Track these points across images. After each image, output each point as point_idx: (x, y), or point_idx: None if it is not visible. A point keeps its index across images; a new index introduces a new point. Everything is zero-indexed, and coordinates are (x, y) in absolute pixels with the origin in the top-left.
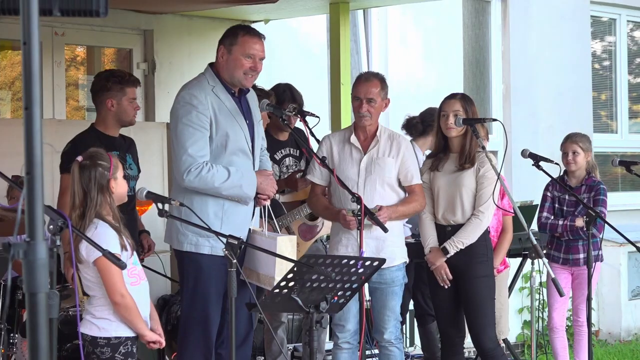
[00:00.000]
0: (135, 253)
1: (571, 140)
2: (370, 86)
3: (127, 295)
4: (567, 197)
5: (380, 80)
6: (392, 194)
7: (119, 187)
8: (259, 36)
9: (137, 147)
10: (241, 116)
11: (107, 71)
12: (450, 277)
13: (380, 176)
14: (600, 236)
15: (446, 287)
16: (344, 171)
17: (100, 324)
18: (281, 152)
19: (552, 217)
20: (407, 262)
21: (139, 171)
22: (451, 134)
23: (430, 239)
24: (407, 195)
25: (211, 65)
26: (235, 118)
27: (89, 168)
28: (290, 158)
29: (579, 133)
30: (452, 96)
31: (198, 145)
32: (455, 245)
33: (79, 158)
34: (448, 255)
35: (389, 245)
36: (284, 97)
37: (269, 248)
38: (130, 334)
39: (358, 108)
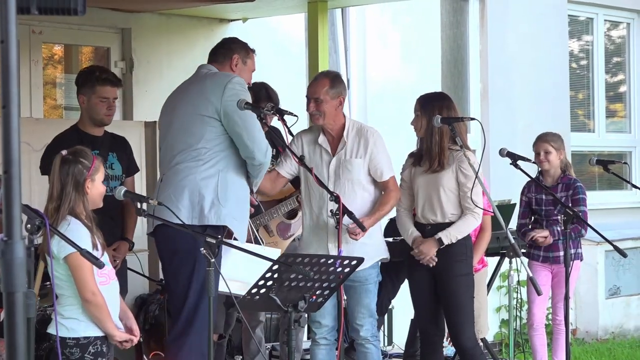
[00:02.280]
0: (105, 253)
1: (542, 140)
2: (316, 86)
3: (98, 294)
4: (544, 197)
5: (331, 78)
6: (364, 194)
7: (95, 189)
8: None
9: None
10: None
11: (89, 67)
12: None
13: (349, 179)
14: (584, 233)
15: (432, 265)
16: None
17: (69, 324)
18: None
19: (529, 225)
20: (387, 258)
21: (123, 172)
22: (417, 134)
23: (411, 229)
24: (382, 192)
25: (206, 65)
26: None
27: (69, 163)
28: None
29: (550, 132)
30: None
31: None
32: (451, 237)
33: (64, 152)
34: (444, 244)
35: (359, 245)
36: (260, 96)
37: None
38: (100, 333)
39: (307, 107)
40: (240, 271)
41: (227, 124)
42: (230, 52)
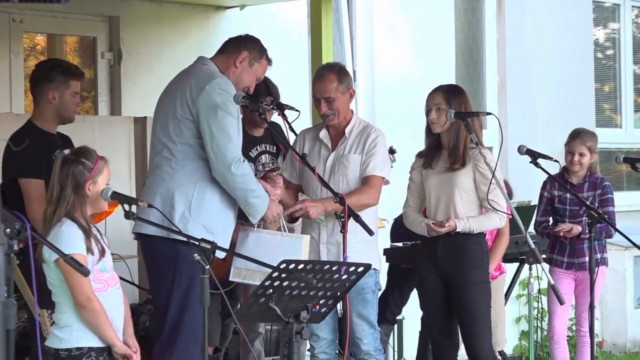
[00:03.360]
0: (104, 259)
1: (580, 140)
2: (325, 83)
3: (94, 299)
4: (568, 195)
5: (337, 72)
6: None
7: (96, 193)
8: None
9: (100, 144)
10: None
11: (51, 60)
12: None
13: (344, 175)
14: (612, 233)
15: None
16: (310, 170)
17: (62, 334)
18: (256, 149)
19: (551, 221)
20: (378, 270)
21: None
22: (435, 130)
23: (420, 218)
24: None
25: (204, 58)
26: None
27: (70, 163)
28: (267, 155)
29: (587, 131)
30: (437, 89)
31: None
32: (467, 226)
33: (66, 151)
34: (457, 230)
35: (351, 251)
36: (259, 90)
37: (289, 249)
38: (95, 343)
39: (318, 108)
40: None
41: (199, 128)
42: (242, 46)
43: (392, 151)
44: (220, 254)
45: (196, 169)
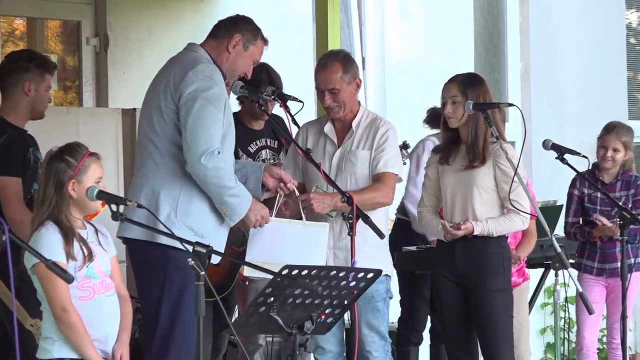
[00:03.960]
0: (92, 264)
1: (615, 135)
2: (328, 74)
3: (70, 311)
4: (599, 194)
5: (342, 61)
6: None
7: (82, 193)
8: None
9: (85, 138)
10: None
11: (25, 51)
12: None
13: (352, 173)
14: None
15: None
16: (314, 167)
17: (46, 345)
18: (256, 144)
19: (581, 222)
20: (390, 277)
21: None
22: (452, 124)
23: (436, 219)
24: None
25: (193, 44)
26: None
27: (54, 160)
28: (267, 150)
29: (623, 125)
30: (452, 79)
31: (217, 127)
32: (485, 229)
33: (54, 147)
34: (475, 232)
35: (360, 256)
36: (261, 79)
37: (312, 238)
38: (76, 355)
39: (322, 101)
40: (268, 252)
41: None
42: (234, 29)
43: (405, 146)
44: (215, 259)
45: (183, 166)
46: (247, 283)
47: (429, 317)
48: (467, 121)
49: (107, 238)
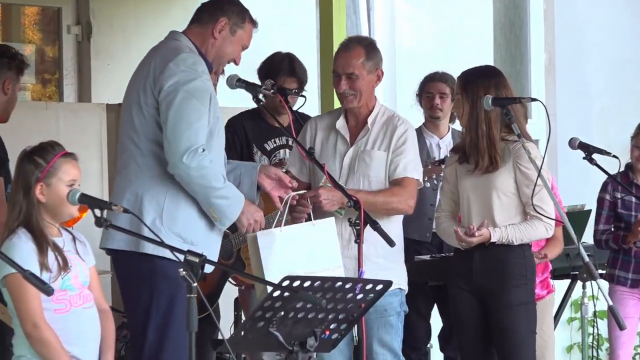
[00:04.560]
0: (69, 274)
1: None
2: (349, 57)
3: (42, 327)
4: (634, 199)
5: (366, 47)
6: None
7: (55, 196)
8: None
9: (66, 136)
10: None
11: (4, 46)
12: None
13: (365, 175)
14: None
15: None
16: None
17: None
18: (274, 142)
19: (614, 230)
20: (405, 290)
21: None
22: (462, 124)
23: (453, 227)
24: None
25: (175, 32)
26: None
27: (23, 161)
28: (287, 150)
29: None
30: (463, 74)
31: (202, 123)
32: (504, 236)
33: (28, 147)
34: (491, 240)
35: (371, 267)
36: (280, 69)
37: (324, 236)
38: None
39: (336, 86)
40: (287, 266)
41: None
42: (219, 12)
43: (442, 162)
44: (208, 268)
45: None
46: (242, 287)
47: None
48: (468, 120)
49: (85, 247)
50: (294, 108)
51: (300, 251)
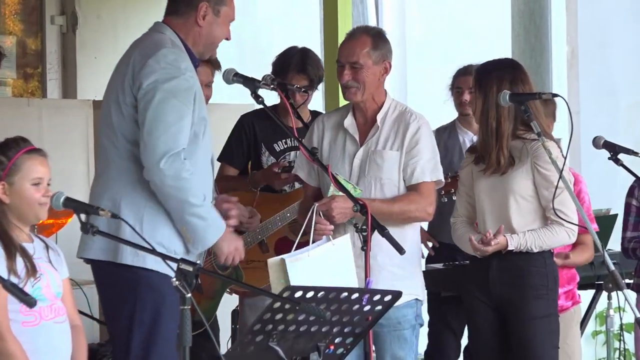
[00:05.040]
0: (40, 283)
1: None
2: (354, 45)
3: (8, 339)
4: None
5: (373, 36)
6: None
7: (17, 197)
8: None
9: (49, 135)
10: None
11: None
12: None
13: (377, 177)
14: None
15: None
16: (332, 169)
17: None
18: (284, 142)
19: None
20: (422, 301)
21: None
22: (476, 121)
23: (469, 234)
24: None
25: (159, 24)
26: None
27: None
28: (298, 152)
29: None
30: (480, 66)
31: (182, 125)
32: (523, 243)
33: None
34: (508, 248)
35: (386, 276)
36: (289, 64)
37: (342, 253)
38: None
39: (339, 76)
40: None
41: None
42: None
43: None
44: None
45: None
46: (232, 294)
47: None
48: (480, 116)
49: (59, 256)
50: (308, 107)
51: (325, 273)
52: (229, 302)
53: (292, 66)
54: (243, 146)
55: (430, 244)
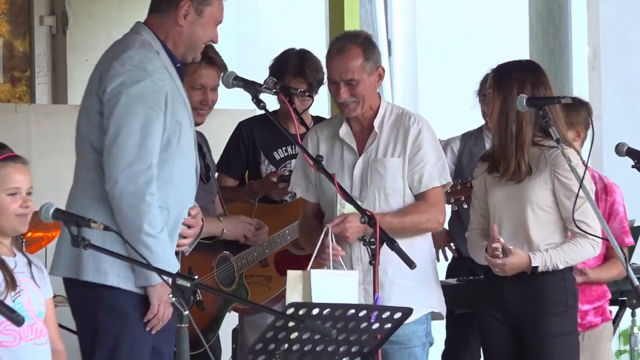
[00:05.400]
0: (20, 299)
1: None
2: (346, 61)
3: None
4: None
5: (362, 45)
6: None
7: None
8: None
9: (38, 143)
10: (186, 100)
11: None
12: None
13: (380, 187)
14: None
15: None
16: (330, 181)
17: None
18: (285, 150)
19: None
20: (441, 314)
21: None
22: (491, 125)
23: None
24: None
25: (139, 24)
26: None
27: None
28: (293, 169)
29: None
30: (497, 68)
31: (150, 131)
32: (549, 263)
33: None
34: (533, 264)
35: (397, 290)
36: (286, 67)
37: (344, 290)
38: None
39: (335, 95)
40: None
41: None
42: None
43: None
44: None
45: None
46: (230, 312)
47: None
48: (498, 119)
49: (42, 274)
50: (310, 112)
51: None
52: (229, 320)
53: (290, 69)
54: (241, 155)
55: (449, 254)
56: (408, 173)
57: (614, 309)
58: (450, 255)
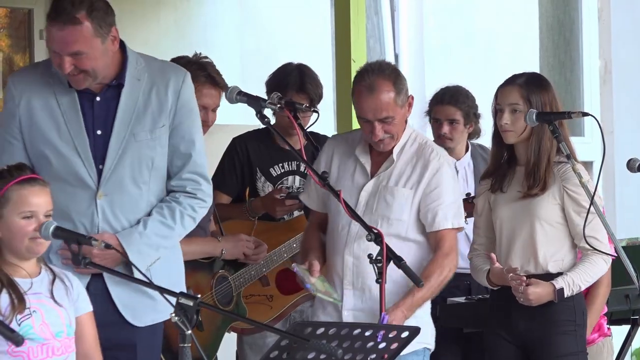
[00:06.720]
0: (29, 321)
1: None
2: (378, 99)
3: None
4: None
5: (391, 77)
6: (410, 246)
7: (5, 231)
8: None
9: None
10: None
11: None
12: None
13: (384, 217)
14: None
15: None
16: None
17: None
18: (281, 167)
19: None
20: (431, 349)
21: None
22: (509, 140)
23: (486, 267)
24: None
25: None
26: (67, 126)
27: None
28: (297, 177)
29: None
30: (511, 80)
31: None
32: (574, 286)
33: None
34: (557, 287)
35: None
36: (287, 83)
37: None
38: None
39: (369, 133)
40: None
41: None
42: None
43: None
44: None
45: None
46: (229, 332)
47: None
48: (530, 136)
49: (68, 290)
50: (306, 127)
51: None
52: (231, 341)
53: (291, 85)
54: (236, 171)
55: None
56: (422, 208)
57: (626, 328)
58: None
